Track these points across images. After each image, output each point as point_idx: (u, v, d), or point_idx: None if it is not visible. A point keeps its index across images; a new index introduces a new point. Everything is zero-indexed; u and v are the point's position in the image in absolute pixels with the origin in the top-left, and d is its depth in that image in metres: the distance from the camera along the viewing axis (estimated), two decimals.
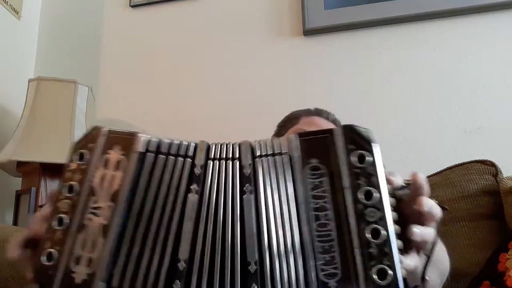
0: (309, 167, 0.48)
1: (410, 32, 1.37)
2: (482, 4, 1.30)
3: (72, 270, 0.47)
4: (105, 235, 0.47)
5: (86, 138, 0.53)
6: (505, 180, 0.98)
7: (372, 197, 0.45)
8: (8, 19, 1.56)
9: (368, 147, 0.47)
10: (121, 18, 1.65)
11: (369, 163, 0.46)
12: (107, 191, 0.50)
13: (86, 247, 0.47)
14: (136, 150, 0.51)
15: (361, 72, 1.38)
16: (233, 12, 1.55)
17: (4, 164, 1.31)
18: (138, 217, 0.49)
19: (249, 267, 0.45)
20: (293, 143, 0.49)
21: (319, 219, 0.45)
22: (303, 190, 0.47)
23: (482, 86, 1.28)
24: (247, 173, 0.49)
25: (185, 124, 1.47)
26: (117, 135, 0.53)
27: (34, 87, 1.37)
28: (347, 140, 0.47)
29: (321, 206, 0.46)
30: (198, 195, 0.49)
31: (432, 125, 1.28)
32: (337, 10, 1.41)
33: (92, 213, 0.49)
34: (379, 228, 0.43)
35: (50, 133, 1.33)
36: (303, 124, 1.01)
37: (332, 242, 0.44)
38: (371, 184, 0.45)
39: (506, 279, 0.79)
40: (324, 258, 0.44)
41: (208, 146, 0.52)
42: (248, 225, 0.47)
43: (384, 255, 0.42)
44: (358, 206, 0.45)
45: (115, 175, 0.50)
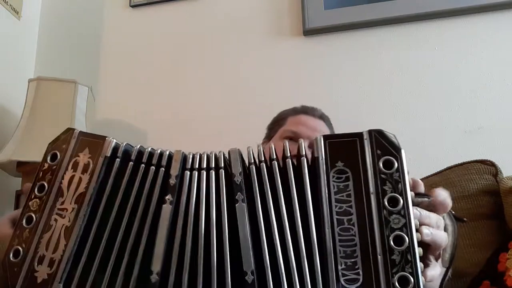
0: (334, 170, 0.47)
1: (410, 32, 1.37)
2: (482, 4, 1.30)
3: (35, 269, 0.47)
4: (67, 237, 0.48)
5: (60, 139, 0.54)
6: (505, 180, 0.98)
7: (398, 204, 0.44)
8: (8, 19, 1.56)
9: (396, 153, 0.46)
10: (121, 18, 1.65)
11: (396, 169, 0.45)
12: (73, 193, 0.50)
13: (49, 248, 0.48)
14: (103, 154, 0.51)
15: (361, 72, 1.38)
16: (233, 12, 1.55)
17: (4, 164, 1.31)
18: (102, 222, 0.49)
19: (246, 277, 0.45)
20: (319, 145, 0.48)
21: (343, 223, 0.45)
22: (326, 193, 0.46)
23: (482, 86, 1.28)
24: (238, 181, 0.48)
25: (185, 124, 1.47)
26: (87, 138, 0.53)
27: (34, 87, 1.36)
28: (375, 145, 0.47)
29: (344, 210, 0.45)
30: (173, 205, 0.48)
31: (432, 125, 1.28)
32: (337, 10, 1.41)
33: (58, 214, 0.49)
34: (403, 236, 0.43)
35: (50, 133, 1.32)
36: (290, 125, 1.01)
37: (355, 247, 0.44)
38: (397, 190, 0.45)
39: (506, 279, 0.78)
40: (346, 263, 0.43)
41: (184, 156, 0.51)
42: (242, 234, 0.46)
43: (407, 262, 0.42)
44: (383, 212, 0.44)
45: (82, 178, 0.51)
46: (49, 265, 0.47)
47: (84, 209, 0.49)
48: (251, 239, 0.46)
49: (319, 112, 1.05)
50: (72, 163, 0.51)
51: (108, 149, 0.51)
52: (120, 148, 0.52)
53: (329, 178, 0.46)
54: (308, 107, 1.07)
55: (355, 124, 1.32)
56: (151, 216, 0.49)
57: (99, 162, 0.51)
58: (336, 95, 1.38)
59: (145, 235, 0.48)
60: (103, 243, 0.48)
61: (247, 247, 0.46)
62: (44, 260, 0.48)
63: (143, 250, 0.47)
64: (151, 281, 0.46)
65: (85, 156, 0.52)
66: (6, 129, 1.46)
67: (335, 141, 0.48)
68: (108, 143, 0.52)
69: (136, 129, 1.51)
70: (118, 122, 1.54)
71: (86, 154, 0.52)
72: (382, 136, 0.47)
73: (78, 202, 0.49)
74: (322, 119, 1.05)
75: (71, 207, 0.49)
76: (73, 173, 0.51)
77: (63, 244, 0.48)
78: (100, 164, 0.51)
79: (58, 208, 0.50)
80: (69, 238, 0.48)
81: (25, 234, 0.49)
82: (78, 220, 0.49)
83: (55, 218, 0.49)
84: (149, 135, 1.50)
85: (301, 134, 0.97)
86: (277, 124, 1.06)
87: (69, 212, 0.49)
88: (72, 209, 0.49)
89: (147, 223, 0.48)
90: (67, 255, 0.47)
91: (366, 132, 0.47)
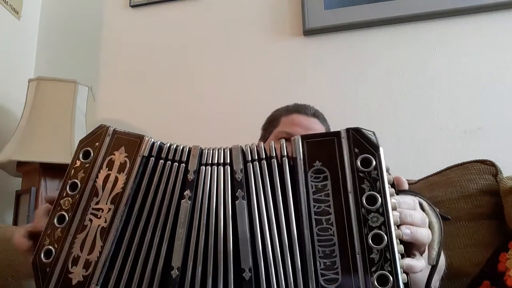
0: (313, 170, 0.47)
1: (410, 32, 1.37)
2: (483, 4, 1.30)
3: (69, 270, 0.46)
4: (104, 238, 0.47)
5: (92, 136, 0.52)
6: (505, 180, 0.98)
7: (376, 202, 0.44)
8: (8, 19, 1.56)
9: (374, 151, 0.46)
10: (121, 18, 1.65)
11: (374, 167, 0.45)
12: (109, 193, 0.49)
13: (84, 248, 0.47)
14: (141, 154, 0.50)
15: (361, 72, 1.38)
16: (233, 12, 1.55)
17: (4, 164, 1.31)
18: (136, 222, 0.48)
19: (244, 274, 0.45)
20: (296, 146, 0.48)
21: (321, 223, 0.45)
22: (305, 193, 0.46)
23: (482, 86, 1.28)
24: (239, 178, 0.48)
25: (185, 124, 1.47)
26: (123, 136, 0.52)
27: (34, 87, 1.36)
28: (353, 144, 0.46)
29: (323, 210, 0.45)
30: (191, 201, 0.48)
31: (432, 125, 1.28)
32: (337, 10, 1.41)
33: (93, 214, 0.48)
34: (382, 234, 0.43)
35: (50, 133, 1.32)
36: (284, 126, 1.00)
37: (334, 247, 0.44)
38: (375, 189, 0.44)
39: (506, 279, 0.78)
40: (325, 263, 0.43)
41: (201, 151, 0.51)
42: (241, 231, 0.46)
43: (386, 261, 0.42)
44: (362, 211, 0.44)
45: (119, 178, 0.49)
46: (84, 267, 0.46)
47: (121, 210, 0.48)
48: (250, 236, 0.46)
49: (312, 109, 1.04)
50: (107, 161, 0.50)
51: (146, 148, 0.51)
52: (154, 146, 0.51)
53: (307, 178, 0.46)
54: (301, 105, 1.05)
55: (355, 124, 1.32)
56: (173, 213, 0.48)
57: (137, 162, 0.50)
58: (336, 95, 1.38)
59: (168, 232, 0.48)
60: (136, 243, 0.47)
61: (245, 244, 0.46)
62: (79, 261, 0.46)
63: (166, 247, 0.47)
64: (172, 276, 0.46)
65: (121, 155, 0.50)
66: (6, 129, 1.46)
67: (312, 141, 0.48)
68: (146, 142, 0.51)
69: (136, 129, 1.51)
70: (118, 122, 1.54)
71: (122, 153, 0.50)
72: (359, 134, 0.47)
73: (114, 202, 0.48)
74: (316, 116, 1.03)
75: (107, 207, 0.48)
76: (108, 172, 0.49)
77: (99, 245, 0.47)
78: (138, 164, 0.49)
79: (93, 207, 0.48)
80: (106, 239, 0.47)
81: (57, 233, 0.48)
82: (116, 221, 0.47)
83: (90, 218, 0.48)
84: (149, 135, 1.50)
85: (295, 134, 0.96)
86: (271, 125, 1.05)
87: (105, 212, 0.48)
88: (108, 209, 0.48)
89: (169, 220, 0.48)
90: (104, 257, 0.46)
91: (344, 130, 0.47)
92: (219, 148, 0.52)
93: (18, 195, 1.39)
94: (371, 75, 1.37)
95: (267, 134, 1.04)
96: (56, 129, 1.34)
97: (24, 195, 1.36)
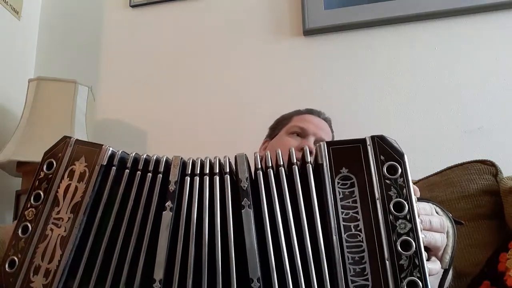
0: (339, 176, 0.47)
1: (410, 32, 1.37)
2: (482, 4, 1.30)
3: (31, 279, 0.47)
4: (63, 247, 0.48)
5: (56, 147, 0.53)
6: (505, 180, 0.98)
7: (403, 209, 0.44)
8: (8, 19, 1.56)
9: (399, 158, 0.46)
10: (121, 18, 1.65)
11: (400, 174, 0.46)
12: (69, 202, 0.50)
13: (45, 258, 0.48)
14: (99, 162, 0.51)
15: (361, 72, 1.38)
16: (233, 12, 1.55)
17: (4, 164, 1.31)
18: (100, 231, 0.48)
19: (252, 284, 0.44)
20: (322, 152, 0.48)
21: (350, 229, 0.45)
22: (332, 199, 0.46)
23: (482, 86, 1.28)
24: (244, 187, 0.48)
25: (185, 124, 1.47)
26: (84, 146, 0.52)
27: (34, 87, 1.36)
28: (378, 151, 0.47)
29: (351, 216, 0.45)
30: (173, 212, 0.48)
31: (432, 125, 1.28)
32: (337, 10, 1.41)
33: (54, 223, 0.49)
34: (410, 240, 0.43)
35: (50, 133, 1.32)
36: (296, 121, 1.02)
37: (363, 253, 0.44)
38: (402, 196, 0.45)
39: (506, 279, 0.78)
40: (355, 269, 0.43)
41: (183, 161, 0.51)
42: (249, 241, 0.46)
43: (415, 267, 0.42)
44: (390, 217, 0.44)
45: (78, 187, 0.50)
46: (44, 276, 0.47)
47: (80, 218, 0.48)
48: (257, 245, 0.46)
49: (323, 114, 1.09)
50: (68, 171, 0.51)
51: (104, 157, 0.51)
52: (116, 156, 0.52)
53: (334, 184, 0.46)
54: (313, 109, 1.09)
55: (355, 124, 1.33)
56: (151, 224, 0.48)
57: (95, 171, 0.50)
58: (336, 95, 1.38)
59: (145, 243, 0.47)
60: (102, 252, 0.48)
61: (253, 253, 0.45)
62: (40, 271, 0.47)
63: (144, 258, 0.47)
64: None
65: (81, 164, 0.51)
66: (6, 129, 1.46)
67: (338, 148, 0.48)
68: (104, 151, 0.51)
69: (136, 129, 1.51)
70: (118, 122, 1.54)
71: (82, 162, 0.51)
72: (384, 141, 0.47)
73: (74, 211, 0.49)
74: (326, 121, 1.08)
75: (67, 217, 0.49)
76: (69, 181, 0.51)
77: (58, 254, 0.47)
78: (96, 173, 0.50)
79: (54, 217, 0.49)
80: (64, 248, 0.47)
81: (21, 244, 0.49)
82: (74, 230, 0.48)
83: (51, 227, 0.49)
84: (149, 135, 1.50)
85: (308, 130, 0.98)
86: (282, 124, 1.06)
87: (65, 221, 0.49)
88: (68, 218, 0.49)
89: (147, 231, 0.48)
90: (62, 265, 0.47)
91: (369, 138, 0.47)
92: (214, 158, 0.51)
93: (18, 195, 1.39)
94: (371, 75, 1.37)
95: (277, 131, 1.05)
96: (56, 129, 1.34)
97: (24, 195, 1.36)
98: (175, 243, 0.47)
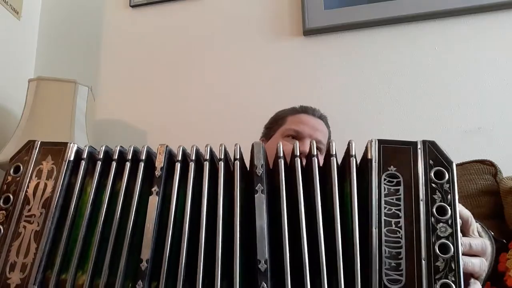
0: (387, 173, 0.48)
1: (410, 32, 1.37)
2: (482, 4, 1.30)
3: (7, 276, 0.49)
4: (38, 240, 0.50)
5: (21, 152, 0.56)
6: (505, 180, 0.98)
7: (446, 213, 0.45)
8: (8, 19, 1.56)
9: (448, 165, 0.48)
10: (121, 18, 1.65)
11: (446, 180, 0.47)
12: (40, 199, 0.52)
13: (20, 254, 0.50)
14: (66, 159, 0.54)
15: (361, 72, 1.38)
16: (233, 12, 1.55)
17: (4, 164, 1.31)
18: (76, 222, 0.51)
19: (259, 265, 0.46)
20: (373, 148, 0.49)
21: (390, 225, 0.46)
22: (376, 194, 0.47)
23: (482, 86, 1.28)
24: (259, 173, 0.50)
25: (185, 124, 1.47)
26: (49, 146, 0.55)
27: (34, 87, 1.36)
28: (428, 155, 0.48)
29: (393, 212, 0.46)
30: (159, 196, 0.51)
31: (432, 125, 1.28)
32: (337, 10, 1.41)
33: (26, 221, 0.51)
34: (449, 244, 0.44)
35: (50, 133, 1.32)
36: (291, 124, 1.01)
37: (400, 249, 0.45)
38: (446, 201, 0.46)
39: (506, 279, 0.78)
40: (390, 263, 0.44)
41: (169, 150, 0.55)
42: (259, 224, 0.47)
43: (450, 270, 0.43)
44: (431, 219, 0.45)
45: (47, 184, 0.53)
46: (21, 270, 0.49)
47: (52, 212, 0.51)
48: (268, 229, 0.47)
49: (318, 112, 1.06)
50: (36, 171, 0.54)
51: (70, 153, 0.54)
52: (81, 151, 0.55)
53: (381, 180, 0.48)
54: (308, 107, 1.07)
55: (355, 123, 1.33)
56: (135, 208, 0.51)
57: (62, 167, 0.53)
58: (336, 95, 1.38)
59: (130, 226, 0.50)
60: (80, 241, 0.50)
61: (262, 236, 0.47)
62: (16, 266, 0.49)
63: (130, 241, 0.49)
64: (141, 268, 0.47)
65: (48, 163, 0.54)
66: (6, 129, 1.46)
67: (389, 146, 0.49)
68: (69, 148, 0.54)
69: (136, 129, 1.51)
70: (118, 122, 1.54)
71: (49, 161, 0.54)
72: (435, 147, 0.49)
73: (45, 206, 0.52)
74: (321, 119, 1.06)
75: (38, 212, 0.51)
76: (37, 180, 0.53)
77: (34, 247, 0.50)
78: (64, 168, 0.53)
79: (25, 215, 0.52)
80: (39, 241, 0.50)
81: None
82: (47, 223, 0.51)
83: (24, 225, 0.51)
84: (149, 135, 1.50)
85: (303, 133, 0.97)
86: (276, 123, 1.06)
87: (37, 217, 0.51)
88: (40, 213, 0.51)
89: (131, 215, 0.50)
90: (39, 258, 0.49)
91: (420, 141, 0.49)
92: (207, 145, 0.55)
93: None
94: (371, 75, 1.37)
95: (272, 132, 1.04)
96: (56, 129, 1.34)
97: None
98: (164, 225, 0.49)
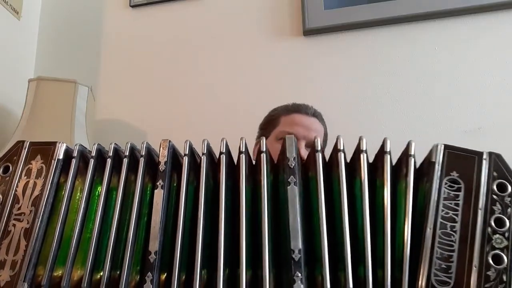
0: (448, 178, 0.49)
1: (410, 32, 1.37)
2: (482, 4, 1.30)
3: None
4: (28, 237, 0.51)
5: (10, 152, 0.56)
6: None
7: (504, 225, 0.46)
8: (8, 19, 1.56)
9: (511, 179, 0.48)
10: (121, 18, 1.65)
11: (508, 194, 0.47)
12: (29, 197, 0.53)
13: (10, 251, 0.50)
14: (56, 157, 0.54)
15: (360, 72, 1.38)
16: (233, 12, 1.55)
17: None
18: (68, 218, 0.52)
19: (293, 255, 0.46)
20: (438, 152, 0.51)
21: (445, 227, 0.46)
22: (436, 196, 0.48)
23: (482, 86, 1.28)
24: (292, 165, 0.51)
25: (185, 124, 1.47)
26: (38, 146, 0.56)
27: (34, 87, 1.36)
28: (492, 167, 0.49)
29: (450, 216, 0.47)
30: (164, 189, 0.52)
31: (432, 125, 1.28)
32: (337, 10, 1.41)
33: (16, 219, 0.52)
34: (503, 256, 0.44)
35: (50, 133, 1.32)
36: (284, 126, 1.00)
37: (452, 253, 0.45)
38: (505, 213, 0.46)
39: None
40: (440, 264, 0.45)
41: (172, 144, 0.56)
42: (293, 215, 0.48)
43: (501, 282, 0.43)
44: (488, 229, 0.46)
45: (37, 182, 0.53)
46: (11, 267, 0.49)
47: (41, 209, 0.52)
48: (301, 219, 0.48)
49: (311, 109, 1.04)
50: (25, 171, 0.54)
51: (59, 152, 0.55)
52: (70, 150, 0.56)
53: (442, 183, 0.48)
54: (300, 105, 1.04)
55: (355, 123, 1.33)
56: (139, 202, 0.51)
57: (52, 165, 0.54)
58: (336, 95, 1.38)
59: (134, 220, 0.50)
60: (74, 236, 0.50)
61: (296, 227, 0.47)
62: (6, 264, 0.50)
63: (135, 234, 0.50)
64: (149, 261, 0.48)
65: (38, 162, 0.54)
66: (6, 129, 1.46)
67: (454, 152, 0.51)
68: (58, 147, 0.55)
69: (136, 129, 1.51)
70: (118, 122, 1.54)
71: (38, 160, 0.55)
72: (500, 160, 0.50)
73: (34, 204, 0.52)
74: (315, 116, 1.03)
75: (28, 210, 0.52)
76: (27, 179, 0.54)
77: (23, 245, 0.50)
78: (54, 167, 0.54)
79: (15, 214, 0.52)
80: (29, 239, 0.50)
81: None
82: (37, 221, 0.51)
83: (13, 223, 0.52)
84: (149, 135, 1.50)
85: (297, 135, 0.95)
86: (270, 124, 1.04)
87: (27, 215, 0.52)
88: (29, 211, 0.52)
89: (134, 209, 0.51)
90: (29, 255, 0.50)
91: (487, 152, 0.50)
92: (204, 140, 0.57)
93: None
94: (371, 75, 1.37)
95: (267, 134, 1.03)
96: (56, 129, 1.34)
97: None
98: (171, 217, 0.50)
